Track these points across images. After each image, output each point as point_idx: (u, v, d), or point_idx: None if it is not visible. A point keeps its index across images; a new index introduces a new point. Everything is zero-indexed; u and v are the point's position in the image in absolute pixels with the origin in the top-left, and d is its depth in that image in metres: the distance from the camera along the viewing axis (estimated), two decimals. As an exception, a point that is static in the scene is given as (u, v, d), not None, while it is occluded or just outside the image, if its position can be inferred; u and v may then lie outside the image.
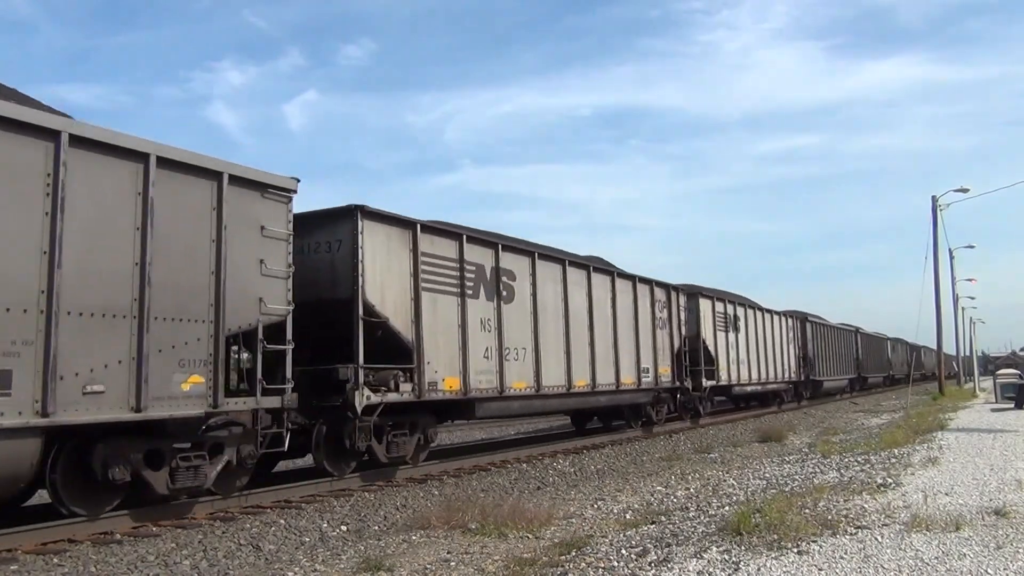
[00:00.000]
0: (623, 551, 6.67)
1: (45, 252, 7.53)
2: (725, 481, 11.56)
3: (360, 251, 11.31)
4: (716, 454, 16.12)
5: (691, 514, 8.52)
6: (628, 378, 18.53)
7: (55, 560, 7.38)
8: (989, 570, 5.40)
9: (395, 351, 11.88)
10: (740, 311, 27.08)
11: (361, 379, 11.07)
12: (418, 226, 12.44)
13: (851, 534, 6.51)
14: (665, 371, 20.78)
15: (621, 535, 7.56)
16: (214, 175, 9.17)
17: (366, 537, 8.76)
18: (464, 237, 13.43)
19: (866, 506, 7.79)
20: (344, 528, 9.25)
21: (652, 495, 10.79)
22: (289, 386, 9.94)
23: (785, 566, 5.60)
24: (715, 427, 23.73)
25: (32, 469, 7.51)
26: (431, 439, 13.27)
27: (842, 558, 5.76)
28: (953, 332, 63.43)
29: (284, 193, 10.09)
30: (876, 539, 6.30)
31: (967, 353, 68.38)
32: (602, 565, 6.22)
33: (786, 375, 32.47)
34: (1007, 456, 11.90)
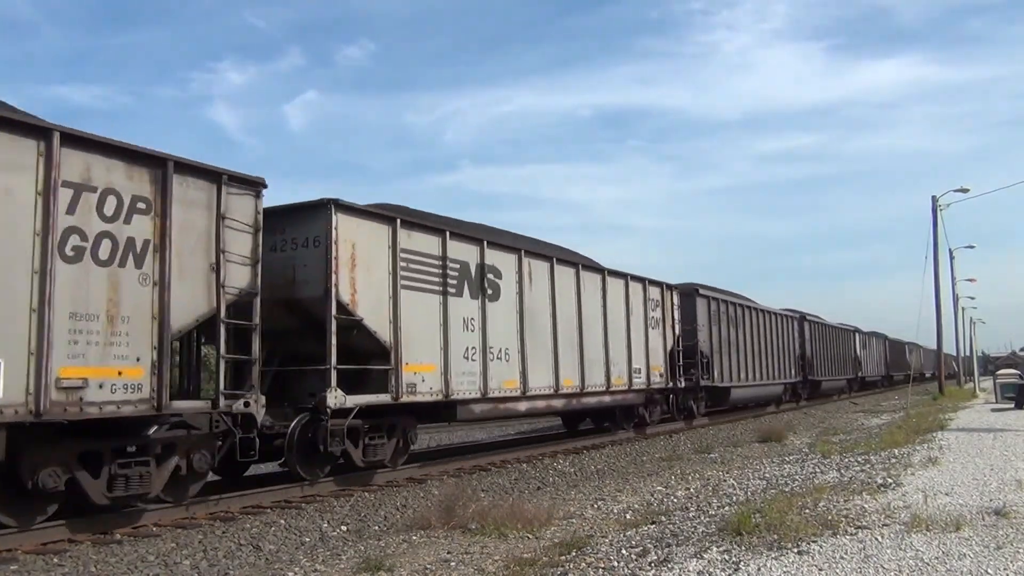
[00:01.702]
0: (623, 551, 6.67)
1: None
2: (725, 481, 11.56)
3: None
4: (716, 454, 16.12)
5: (691, 514, 8.52)
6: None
7: (55, 560, 7.39)
8: (989, 570, 5.40)
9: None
10: (508, 261, 14.67)
11: None
12: None
13: (851, 534, 6.51)
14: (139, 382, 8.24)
15: (621, 535, 7.55)
16: None
17: (366, 537, 8.76)
18: None
19: (866, 506, 7.79)
20: (344, 528, 9.25)
21: (652, 495, 10.79)
22: None
23: (785, 566, 5.60)
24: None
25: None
26: None
27: (842, 558, 5.76)
28: (953, 332, 63.30)
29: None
30: (876, 539, 6.30)
31: (967, 353, 68.37)
32: (602, 565, 6.22)
33: (644, 379, 19.68)
34: (1007, 456, 11.90)
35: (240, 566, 7.66)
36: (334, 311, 10.82)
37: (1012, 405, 25.25)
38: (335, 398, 10.76)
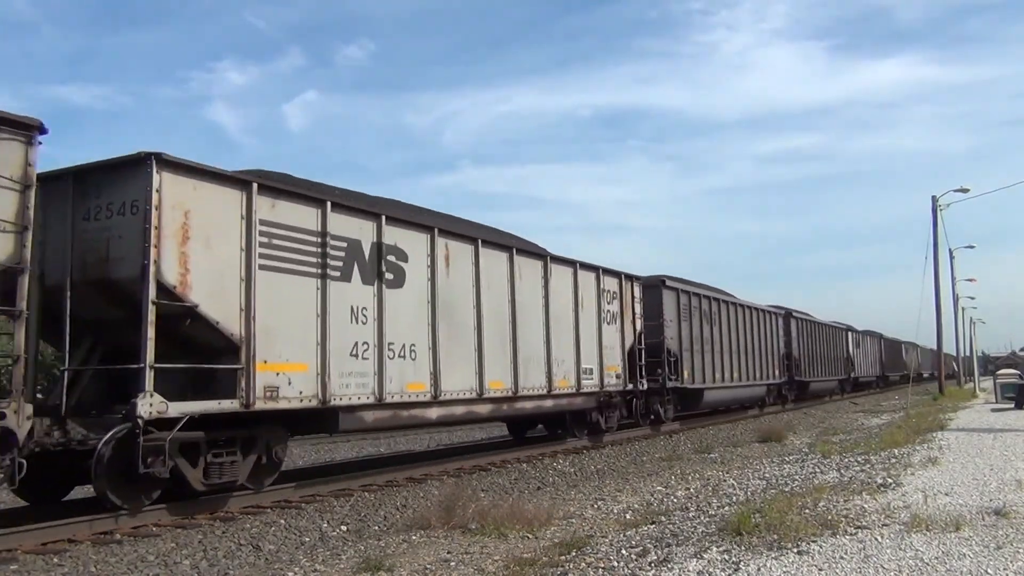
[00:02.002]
0: (623, 551, 6.67)
1: None
2: (725, 481, 11.57)
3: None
4: (716, 454, 16.12)
5: (691, 514, 8.52)
6: None
7: (55, 560, 7.39)
8: (989, 570, 5.40)
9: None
10: (416, 242, 12.43)
11: None
12: None
13: (851, 534, 6.52)
14: None
15: (621, 535, 7.56)
16: None
17: (366, 537, 8.76)
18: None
19: (866, 506, 7.79)
20: (344, 528, 9.25)
21: (652, 495, 10.80)
22: None
23: (785, 566, 5.60)
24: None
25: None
26: None
27: (842, 558, 5.76)
28: (953, 332, 63.25)
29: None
30: (876, 539, 6.31)
31: (967, 353, 68.39)
32: (602, 565, 6.22)
33: (597, 381, 17.08)
34: (1007, 456, 11.91)
35: (240, 566, 7.66)
36: (152, 294, 8.57)
37: (1012, 405, 25.28)
38: (150, 405, 8.44)
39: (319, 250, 10.61)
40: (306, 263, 10.50)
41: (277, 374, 9.86)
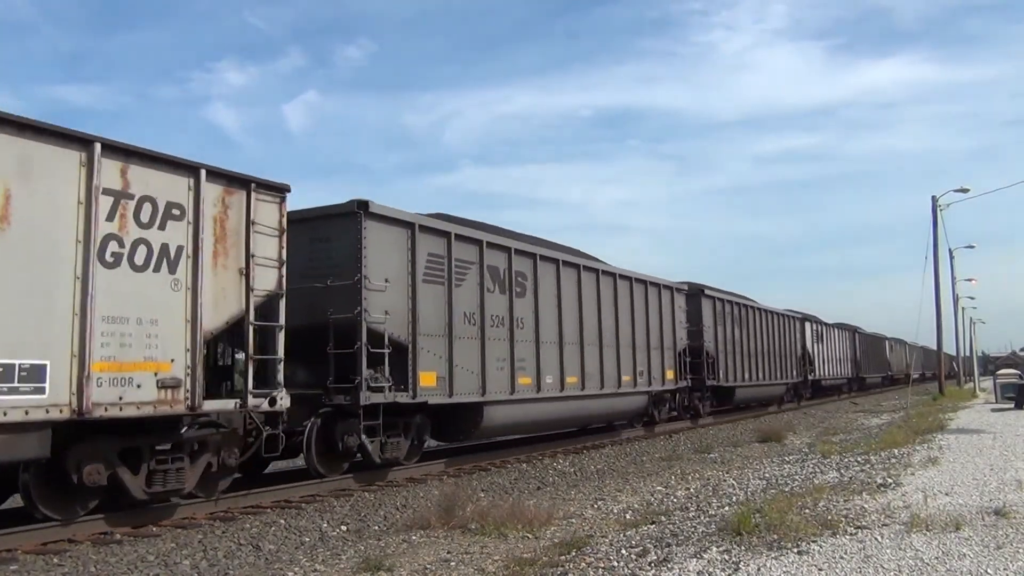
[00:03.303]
0: (623, 551, 6.67)
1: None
2: (725, 481, 11.57)
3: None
4: (716, 454, 16.12)
5: (691, 514, 8.52)
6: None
7: (55, 560, 7.39)
8: (989, 570, 5.40)
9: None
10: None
11: None
12: None
13: (851, 534, 6.52)
14: None
15: (621, 535, 7.56)
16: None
17: (366, 537, 8.76)
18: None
19: (866, 506, 7.79)
20: (344, 528, 9.25)
21: (652, 495, 10.79)
22: None
23: (785, 566, 5.61)
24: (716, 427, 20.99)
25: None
26: None
27: (842, 558, 5.77)
28: (953, 332, 63.13)
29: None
30: (876, 539, 6.31)
31: (967, 353, 68.40)
32: (602, 565, 6.23)
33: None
34: (1007, 456, 11.91)
35: (240, 566, 7.66)
36: None
37: (1012, 405, 25.28)
38: None
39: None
40: None
41: None
